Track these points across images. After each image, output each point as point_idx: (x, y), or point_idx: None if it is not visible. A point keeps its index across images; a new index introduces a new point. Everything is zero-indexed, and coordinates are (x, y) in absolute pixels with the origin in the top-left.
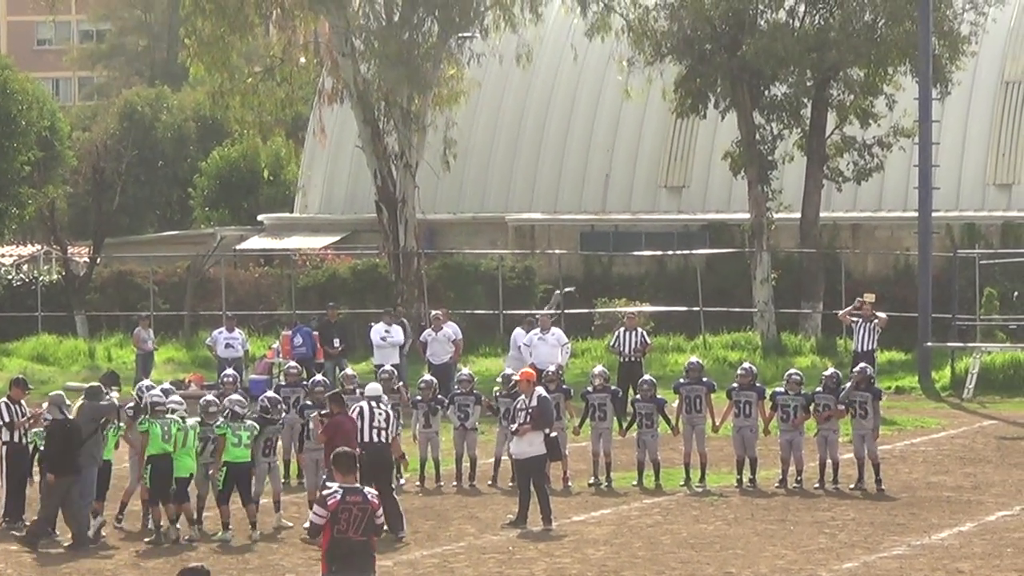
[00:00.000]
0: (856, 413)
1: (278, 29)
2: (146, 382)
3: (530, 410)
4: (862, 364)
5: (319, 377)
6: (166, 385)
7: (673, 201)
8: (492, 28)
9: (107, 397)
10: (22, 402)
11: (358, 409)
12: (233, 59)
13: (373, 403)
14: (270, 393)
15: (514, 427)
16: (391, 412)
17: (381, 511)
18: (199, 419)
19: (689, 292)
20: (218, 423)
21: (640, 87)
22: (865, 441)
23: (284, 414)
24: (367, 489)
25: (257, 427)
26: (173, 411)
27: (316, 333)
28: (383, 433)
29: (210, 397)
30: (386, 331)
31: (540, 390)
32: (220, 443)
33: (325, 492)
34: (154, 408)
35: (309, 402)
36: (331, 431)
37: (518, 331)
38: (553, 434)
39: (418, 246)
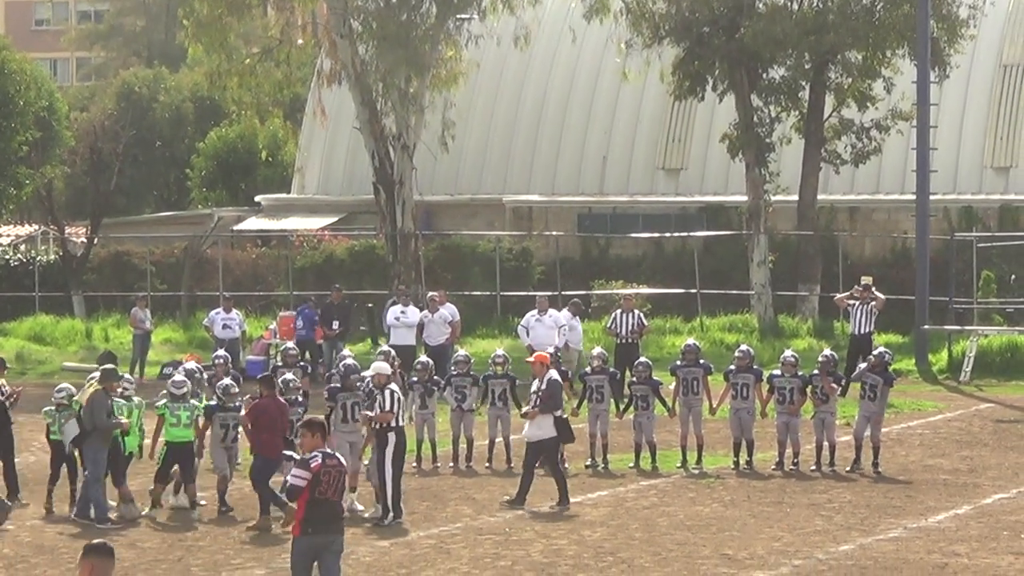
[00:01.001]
0: (865, 395)
1: (276, 10)
2: (189, 364)
3: (539, 393)
4: (881, 349)
5: (350, 361)
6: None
7: (671, 183)
8: (490, 10)
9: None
10: (2, 381)
11: (394, 394)
12: (231, 40)
13: (395, 386)
14: (288, 375)
15: (524, 411)
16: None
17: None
18: (218, 402)
19: (686, 274)
20: (159, 403)
21: (638, 69)
22: (869, 423)
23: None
24: (336, 452)
25: (200, 407)
26: (123, 391)
27: (319, 313)
28: (404, 415)
29: (228, 381)
30: (401, 312)
31: (552, 373)
32: (159, 422)
33: (306, 456)
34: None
35: (338, 385)
36: (254, 414)
37: (565, 312)
38: (565, 416)
39: (415, 227)
